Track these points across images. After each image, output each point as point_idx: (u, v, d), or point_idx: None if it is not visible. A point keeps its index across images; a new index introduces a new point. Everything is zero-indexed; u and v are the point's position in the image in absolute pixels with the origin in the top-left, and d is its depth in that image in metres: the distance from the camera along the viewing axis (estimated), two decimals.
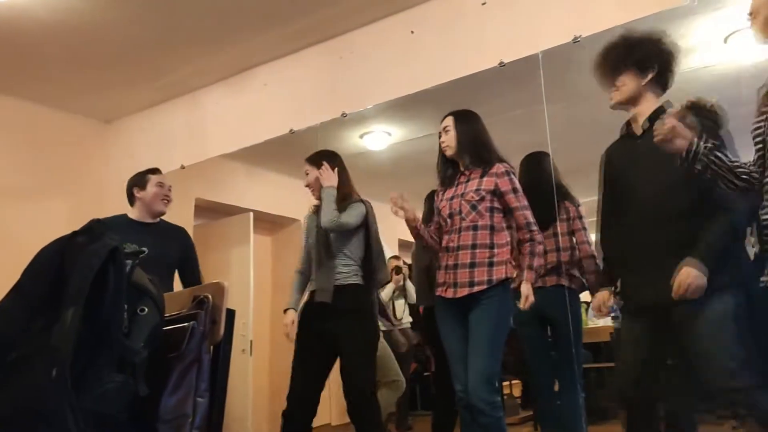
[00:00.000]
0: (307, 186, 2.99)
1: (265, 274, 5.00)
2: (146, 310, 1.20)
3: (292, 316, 2.86)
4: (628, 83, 1.99)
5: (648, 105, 2.01)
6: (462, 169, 2.58)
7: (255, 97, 4.36)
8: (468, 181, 2.51)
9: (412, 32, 3.69)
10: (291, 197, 4.39)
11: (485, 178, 2.47)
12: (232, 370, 1.42)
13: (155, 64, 4.29)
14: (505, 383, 4.51)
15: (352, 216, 2.78)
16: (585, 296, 3.07)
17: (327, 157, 2.96)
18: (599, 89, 2.17)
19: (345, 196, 2.87)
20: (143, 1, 3.59)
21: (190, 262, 3.13)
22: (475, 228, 2.42)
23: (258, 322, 4.57)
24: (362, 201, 2.90)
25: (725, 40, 3.33)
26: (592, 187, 2.36)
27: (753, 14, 1.66)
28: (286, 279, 3.17)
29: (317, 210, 2.93)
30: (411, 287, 4.13)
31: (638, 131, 2.06)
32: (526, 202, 2.47)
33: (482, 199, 2.43)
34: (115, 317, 1.11)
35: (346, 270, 2.78)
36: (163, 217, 3.17)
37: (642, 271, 1.96)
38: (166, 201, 3.11)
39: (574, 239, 2.94)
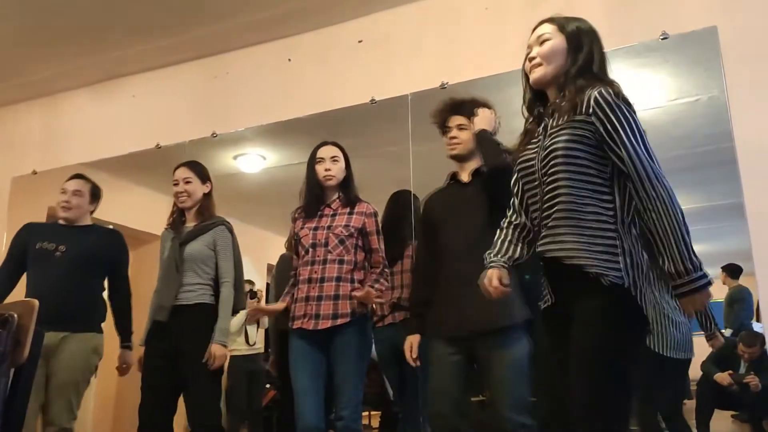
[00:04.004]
0: (182, 193, 2.82)
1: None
2: None
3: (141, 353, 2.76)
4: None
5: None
6: (328, 201, 2.59)
7: (122, 108, 4.19)
8: (335, 215, 2.53)
9: (290, 60, 3.73)
10: (155, 212, 4.22)
11: (354, 216, 2.52)
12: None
13: (13, 60, 4.01)
14: (365, 413, 4.55)
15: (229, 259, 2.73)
16: None
17: (202, 171, 2.87)
18: None
19: (208, 217, 2.80)
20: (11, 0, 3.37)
21: (119, 267, 3.11)
22: (341, 262, 2.44)
23: (109, 343, 4.30)
24: (224, 224, 2.82)
25: None
26: None
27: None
28: (145, 297, 3.02)
29: (173, 224, 2.83)
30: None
31: (466, 179, 2.33)
32: (383, 245, 2.56)
33: (350, 235, 2.47)
34: None
35: (195, 289, 2.69)
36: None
37: (452, 304, 2.13)
38: (64, 207, 3.05)
39: None
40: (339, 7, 3.55)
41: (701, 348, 4.34)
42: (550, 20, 1.71)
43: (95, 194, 3.20)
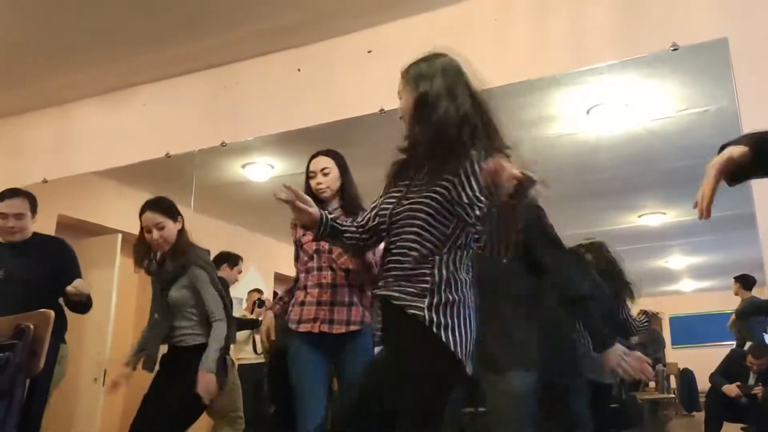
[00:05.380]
0: (158, 240, 2.64)
1: (129, 299, 4.75)
2: None
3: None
4: None
5: None
6: (329, 210, 2.59)
7: (131, 117, 4.22)
8: None
9: (299, 70, 3.75)
10: None
11: None
12: (80, 400, 1.33)
13: (24, 69, 4.05)
14: None
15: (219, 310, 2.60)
16: None
17: (171, 209, 2.69)
18: None
19: (181, 255, 2.65)
20: (18, 5, 3.39)
21: (67, 277, 2.84)
22: (347, 270, 2.44)
23: (117, 350, 4.31)
24: (196, 263, 2.65)
25: (587, 112, 3.66)
26: None
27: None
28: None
29: (149, 268, 2.72)
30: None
31: None
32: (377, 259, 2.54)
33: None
34: None
35: (187, 332, 2.63)
36: None
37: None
38: (9, 232, 2.90)
39: None
40: (348, 18, 3.57)
41: (711, 360, 4.33)
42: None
43: (34, 206, 3.06)
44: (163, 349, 2.69)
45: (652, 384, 5.59)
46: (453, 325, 1.58)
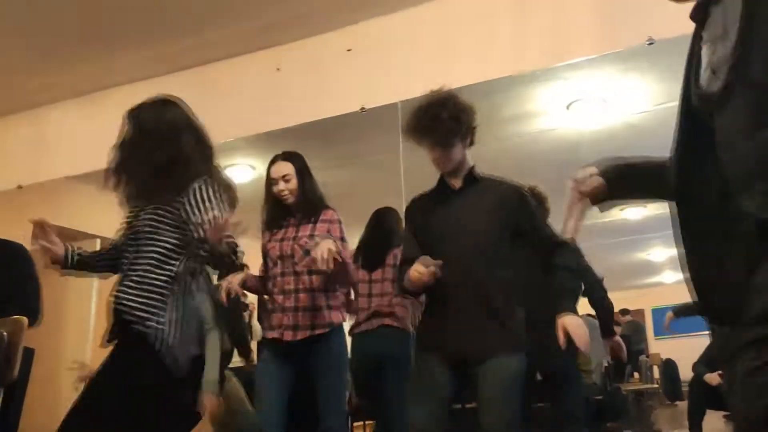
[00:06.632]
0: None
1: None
2: None
3: None
4: (457, 154, 2.09)
5: (465, 165, 2.15)
6: (292, 212, 2.55)
7: (109, 119, 4.13)
8: (300, 224, 2.50)
9: (278, 69, 3.72)
10: None
11: (318, 224, 2.49)
12: (63, 406, 1.31)
13: (3, 72, 3.97)
14: (358, 423, 4.52)
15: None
16: None
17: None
18: None
19: None
20: None
21: (20, 285, 2.67)
22: (310, 272, 2.42)
23: (100, 357, 4.25)
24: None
25: (567, 107, 3.68)
26: None
27: None
28: None
29: None
30: (257, 325, 4.03)
31: (457, 185, 2.15)
32: (348, 249, 2.54)
33: (316, 245, 2.45)
34: None
35: None
36: None
37: (450, 325, 2.03)
38: None
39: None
40: (327, 16, 3.55)
41: (693, 350, 4.38)
42: None
43: None
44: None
45: (636, 375, 5.67)
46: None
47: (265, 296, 2.59)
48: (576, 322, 1.90)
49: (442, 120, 2.01)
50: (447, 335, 2.00)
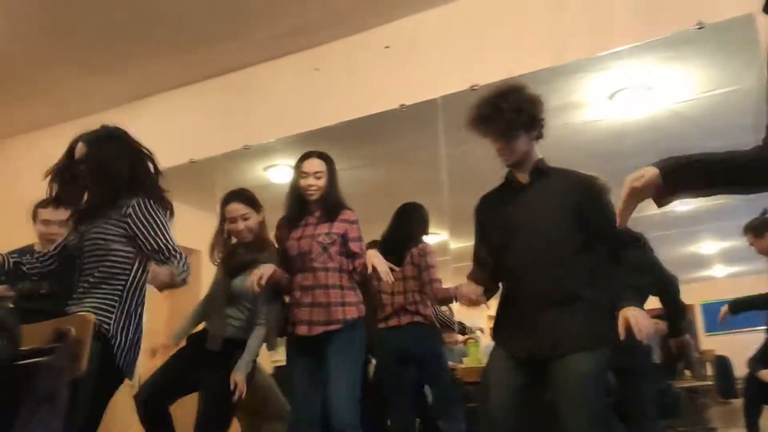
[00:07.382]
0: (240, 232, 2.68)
1: (159, 303, 4.80)
2: None
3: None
4: (521, 146, 2.05)
5: (532, 158, 2.11)
6: (311, 211, 2.58)
7: (152, 125, 4.24)
8: (318, 223, 2.54)
9: (317, 69, 3.75)
10: (190, 226, 4.27)
11: (336, 223, 2.52)
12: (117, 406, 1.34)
13: (48, 83, 4.11)
14: None
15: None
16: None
17: (254, 201, 2.72)
18: None
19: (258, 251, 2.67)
20: (37, 19, 3.45)
21: None
22: (326, 270, 2.47)
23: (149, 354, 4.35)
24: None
25: (611, 97, 3.61)
26: None
27: None
28: (182, 308, 3.04)
29: (226, 259, 2.74)
30: None
31: (524, 180, 2.12)
32: (364, 250, 2.55)
33: (333, 242, 2.49)
34: None
35: (234, 321, 2.63)
36: None
37: (517, 323, 2.01)
38: (53, 241, 2.74)
39: (424, 277, 3.09)
40: (364, 14, 3.57)
41: (746, 346, 4.24)
42: None
43: None
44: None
45: (688, 372, 5.52)
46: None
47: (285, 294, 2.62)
48: (638, 314, 1.85)
49: (502, 111, 1.98)
50: (521, 330, 1.98)
